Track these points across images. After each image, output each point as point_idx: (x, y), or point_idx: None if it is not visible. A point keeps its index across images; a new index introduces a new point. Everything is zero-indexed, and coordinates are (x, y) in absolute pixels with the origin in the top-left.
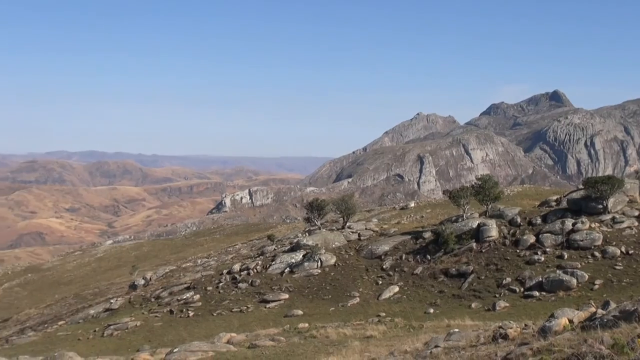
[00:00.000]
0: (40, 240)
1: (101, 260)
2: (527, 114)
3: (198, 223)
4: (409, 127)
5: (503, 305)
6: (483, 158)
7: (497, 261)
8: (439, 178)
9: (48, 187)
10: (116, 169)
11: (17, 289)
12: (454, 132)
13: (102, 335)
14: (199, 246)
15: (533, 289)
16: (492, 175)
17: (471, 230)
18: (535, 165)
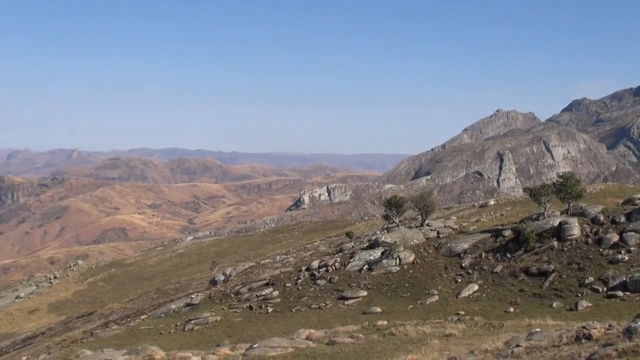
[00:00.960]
0: (123, 235)
1: (182, 256)
2: (610, 110)
3: (277, 220)
4: (489, 123)
5: (585, 305)
6: (564, 155)
7: (579, 260)
8: (519, 175)
9: (131, 183)
10: (196, 166)
11: (101, 283)
12: (534, 128)
13: (183, 329)
14: (277, 243)
15: (617, 289)
16: (574, 173)
17: (552, 228)
18: (619, 163)
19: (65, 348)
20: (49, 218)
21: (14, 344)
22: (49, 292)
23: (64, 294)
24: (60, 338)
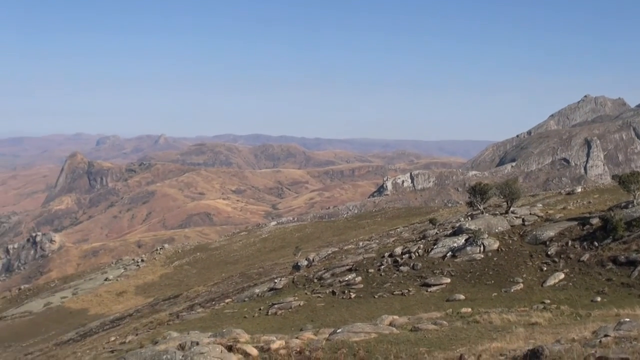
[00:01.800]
0: (208, 220)
1: (266, 241)
2: None
3: (359, 206)
4: (576, 110)
5: None
6: None
7: None
8: (607, 162)
9: (215, 169)
10: (280, 152)
11: (186, 267)
12: (623, 115)
13: (267, 313)
14: (360, 229)
15: None
16: None
17: None
18: None
19: (152, 330)
20: (137, 202)
21: (103, 324)
22: (136, 275)
23: (151, 276)
24: (147, 320)
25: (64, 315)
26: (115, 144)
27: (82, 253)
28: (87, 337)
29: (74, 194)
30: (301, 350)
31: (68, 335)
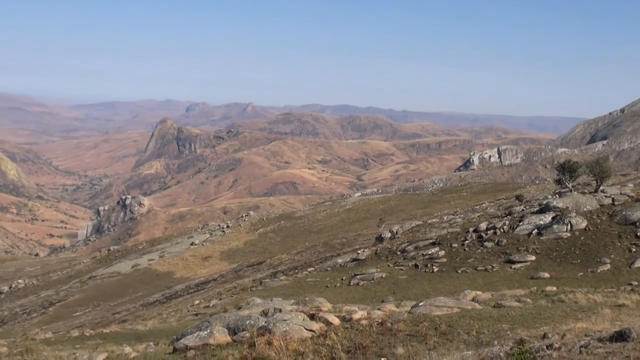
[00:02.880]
0: (293, 189)
1: (350, 212)
2: None
3: (445, 180)
4: None
5: None
6: None
7: None
8: None
9: (302, 139)
10: (367, 124)
11: (270, 234)
12: None
13: (349, 284)
14: (445, 203)
15: None
16: None
17: None
18: None
19: (235, 295)
20: (224, 169)
21: (188, 288)
22: (221, 241)
23: (236, 243)
24: (231, 285)
25: (151, 277)
26: (204, 111)
27: (170, 217)
28: (172, 300)
29: (163, 159)
30: (383, 322)
31: (154, 297)
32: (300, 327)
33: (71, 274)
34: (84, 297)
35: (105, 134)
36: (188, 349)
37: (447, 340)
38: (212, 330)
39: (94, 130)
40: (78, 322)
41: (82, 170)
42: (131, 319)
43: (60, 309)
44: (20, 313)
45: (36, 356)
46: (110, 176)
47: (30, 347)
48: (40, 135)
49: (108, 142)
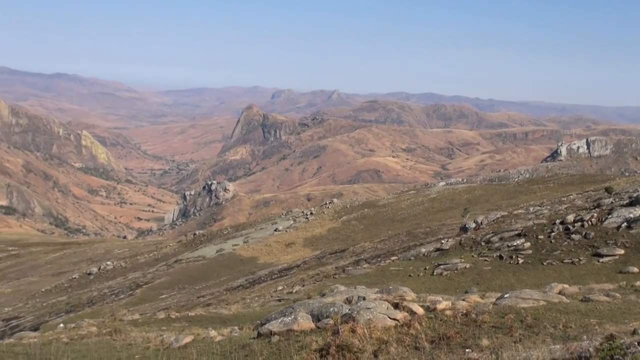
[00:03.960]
0: (376, 177)
1: (434, 201)
2: None
3: (531, 170)
4: None
5: None
6: None
7: None
8: None
9: (387, 127)
10: (452, 112)
11: (354, 222)
12: None
13: (432, 273)
14: (531, 194)
15: None
16: None
17: None
18: None
19: (318, 282)
20: (308, 156)
21: (271, 273)
22: (305, 227)
23: (319, 230)
24: (314, 272)
25: (235, 262)
26: (289, 98)
27: (254, 203)
28: (255, 285)
29: (249, 145)
30: (467, 313)
31: (238, 282)
32: (384, 315)
33: (158, 257)
34: (169, 280)
35: (192, 119)
36: (272, 334)
37: (533, 333)
38: (296, 316)
39: (182, 115)
40: (164, 304)
41: (169, 155)
42: (215, 302)
43: (146, 291)
44: (108, 294)
45: (124, 337)
46: (196, 161)
47: (118, 328)
48: (130, 120)
49: (195, 128)
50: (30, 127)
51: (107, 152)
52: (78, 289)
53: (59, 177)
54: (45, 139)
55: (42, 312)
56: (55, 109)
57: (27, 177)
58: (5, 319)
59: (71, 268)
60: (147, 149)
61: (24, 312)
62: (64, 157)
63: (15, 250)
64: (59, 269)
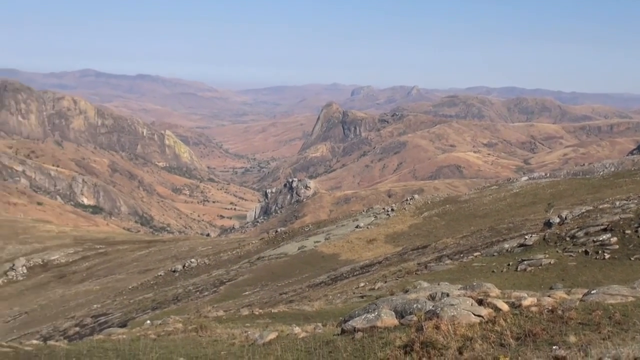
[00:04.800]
0: (457, 173)
1: (516, 196)
2: None
3: (617, 164)
4: None
5: None
6: None
7: None
8: None
9: (467, 121)
10: (534, 106)
11: (435, 218)
12: None
13: (516, 269)
14: (617, 187)
15: None
16: None
17: None
18: None
19: (400, 278)
20: (388, 153)
21: (353, 270)
22: (386, 224)
23: (400, 226)
24: (396, 268)
25: (317, 259)
26: (369, 94)
27: (335, 200)
28: (337, 281)
29: (329, 142)
30: (553, 309)
31: (320, 278)
32: (468, 312)
33: (240, 254)
34: (252, 277)
35: (272, 117)
36: (356, 330)
37: (621, 330)
38: (379, 312)
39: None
40: (247, 301)
41: (250, 153)
42: (298, 299)
43: (230, 288)
44: (193, 291)
45: (210, 333)
46: (277, 159)
47: (203, 324)
48: (212, 119)
49: (275, 126)
50: (115, 127)
51: (189, 151)
52: (163, 286)
53: (144, 177)
54: (130, 139)
55: (129, 309)
56: (139, 110)
57: (113, 177)
58: (95, 316)
59: (156, 266)
60: (228, 148)
61: (112, 308)
62: (148, 157)
63: (103, 249)
64: (144, 266)
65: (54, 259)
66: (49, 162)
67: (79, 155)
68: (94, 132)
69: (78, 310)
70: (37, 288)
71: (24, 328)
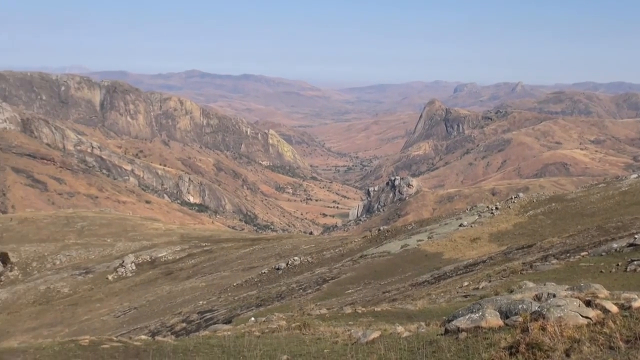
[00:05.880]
0: (563, 170)
1: (625, 194)
2: None
3: None
4: None
5: None
6: None
7: None
8: None
9: (573, 118)
10: None
11: (541, 217)
12: None
13: (625, 270)
14: None
15: None
16: None
17: None
18: None
19: (505, 278)
20: (492, 150)
21: (456, 269)
22: (490, 222)
23: (504, 225)
24: (500, 267)
25: (420, 258)
26: (472, 91)
27: (438, 198)
28: (440, 281)
29: (431, 140)
30: None
31: (423, 277)
32: (575, 313)
33: (343, 253)
34: (355, 276)
35: (374, 116)
36: (460, 330)
37: None
38: (483, 313)
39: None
40: (350, 299)
41: (353, 151)
42: (400, 298)
43: (333, 286)
44: (296, 289)
45: (313, 331)
46: (379, 157)
47: (307, 322)
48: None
49: (378, 124)
50: (220, 127)
51: (292, 150)
52: (267, 283)
53: (248, 175)
54: (234, 139)
55: (234, 306)
56: (243, 109)
57: (218, 176)
58: (200, 312)
59: (260, 263)
60: (331, 146)
61: (217, 305)
62: (252, 156)
63: (208, 246)
64: (248, 264)
65: (162, 256)
66: (157, 161)
67: (185, 155)
68: (200, 131)
69: (184, 306)
70: (145, 284)
71: (133, 323)
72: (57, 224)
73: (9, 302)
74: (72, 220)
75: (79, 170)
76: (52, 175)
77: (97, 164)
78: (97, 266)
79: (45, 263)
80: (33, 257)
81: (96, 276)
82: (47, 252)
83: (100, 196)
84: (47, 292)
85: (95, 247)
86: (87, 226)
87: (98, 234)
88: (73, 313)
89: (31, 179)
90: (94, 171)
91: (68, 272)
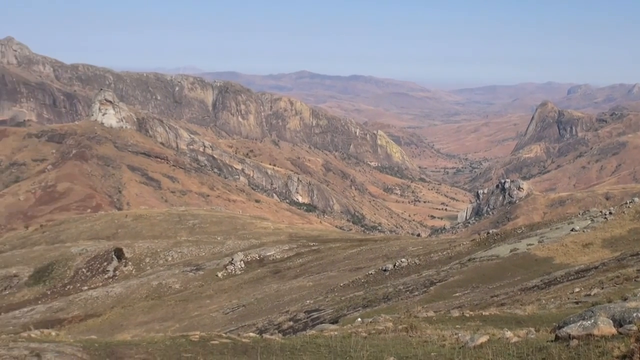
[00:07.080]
0: None
1: None
2: None
3: None
4: None
5: None
6: None
7: None
8: None
9: None
10: None
11: None
12: None
13: None
14: None
15: None
16: None
17: None
18: None
19: (618, 285)
20: (606, 154)
21: (567, 274)
22: (603, 228)
23: (619, 230)
24: (613, 274)
25: (529, 262)
26: (586, 93)
27: (549, 202)
28: (551, 286)
29: (543, 142)
30: None
31: (532, 282)
32: None
33: (451, 255)
34: (463, 279)
35: (485, 117)
36: (571, 337)
37: None
38: (596, 320)
39: (474, 114)
40: (457, 302)
41: (462, 153)
42: (509, 303)
43: (440, 288)
44: (403, 290)
45: (420, 333)
46: (489, 160)
47: (414, 324)
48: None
49: (488, 126)
50: (329, 128)
51: (401, 151)
52: (374, 284)
53: (356, 176)
54: (343, 139)
55: (341, 306)
56: (352, 110)
57: (327, 176)
58: (307, 311)
59: (367, 264)
60: (440, 148)
61: (324, 305)
62: (361, 157)
63: (316, 246)
64: (355, 264)
65: (270, 255)
66: (266, 161)
67: (294, 155)
68: (309, 132)
69: (292, 305)
70: (253, 282)
71: (242, 320)
72: (170, 221)
73: (123, 297)
74: (184, 218)
75: (191, 169)
76: (165, 173)
77: (209, 163)
78: (207, 263)
79: (157, 259)
80: (146, 253)
81: (206, 273)
82: (160, 249)
83: (212, 194)
84: (159, 288)
85: (206, 245)
86: (198, 224)
87: (209, 231)
88: (183, 309)
89: (145, 177)
90: (206, 170)
91: (179, 268)
